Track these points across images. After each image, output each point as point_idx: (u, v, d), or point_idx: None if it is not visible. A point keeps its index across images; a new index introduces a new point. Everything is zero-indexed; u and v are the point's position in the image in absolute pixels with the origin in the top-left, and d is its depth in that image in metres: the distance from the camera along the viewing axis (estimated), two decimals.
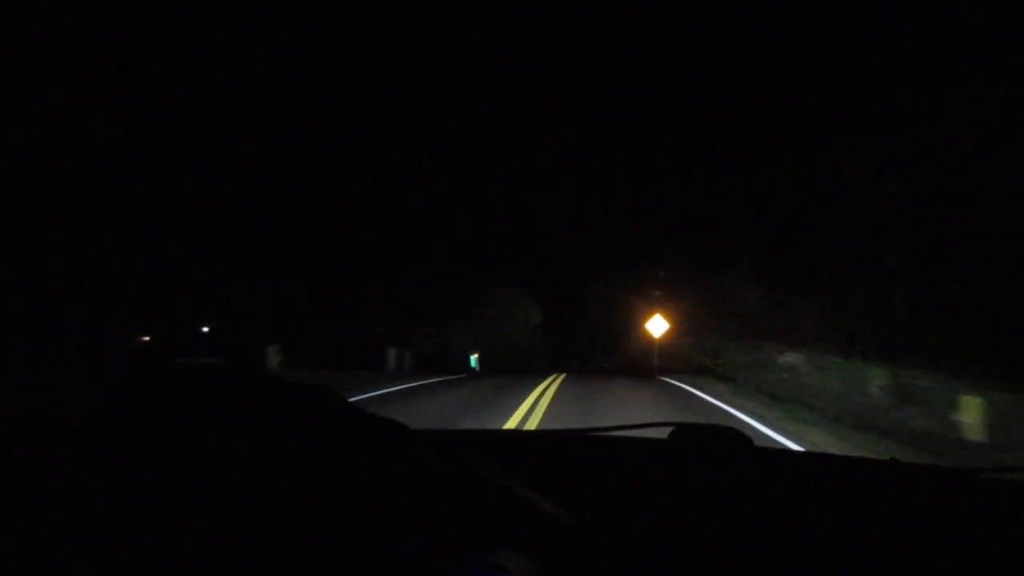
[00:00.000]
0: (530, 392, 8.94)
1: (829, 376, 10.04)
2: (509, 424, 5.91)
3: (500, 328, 25.83)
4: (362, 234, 20.67)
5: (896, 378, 8.12)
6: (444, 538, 0.51)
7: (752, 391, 10.84)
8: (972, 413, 5.83)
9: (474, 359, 20.27)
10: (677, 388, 11.06)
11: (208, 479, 0.48)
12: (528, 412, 6.74)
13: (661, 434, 1.04)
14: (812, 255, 12.20)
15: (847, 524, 0.72)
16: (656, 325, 16.94)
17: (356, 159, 19.88)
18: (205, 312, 21.04)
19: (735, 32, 16.07)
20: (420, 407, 7.51)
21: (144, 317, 17.88)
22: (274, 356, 14.38)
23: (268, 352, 14.40)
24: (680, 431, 1.00)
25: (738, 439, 0.98)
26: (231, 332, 19.75)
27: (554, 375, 13.51)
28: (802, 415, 7.47)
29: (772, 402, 9.03)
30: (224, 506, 0.46)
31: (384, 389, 9.70)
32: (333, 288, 20.60)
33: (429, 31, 18.62)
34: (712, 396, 9.59)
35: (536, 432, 1.68)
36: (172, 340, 19.00)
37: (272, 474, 0.49)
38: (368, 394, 8.73)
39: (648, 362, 16.76)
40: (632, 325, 22.85)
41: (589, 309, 35.26)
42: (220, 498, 0.47)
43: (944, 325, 8.67)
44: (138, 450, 0.49)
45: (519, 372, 16.39)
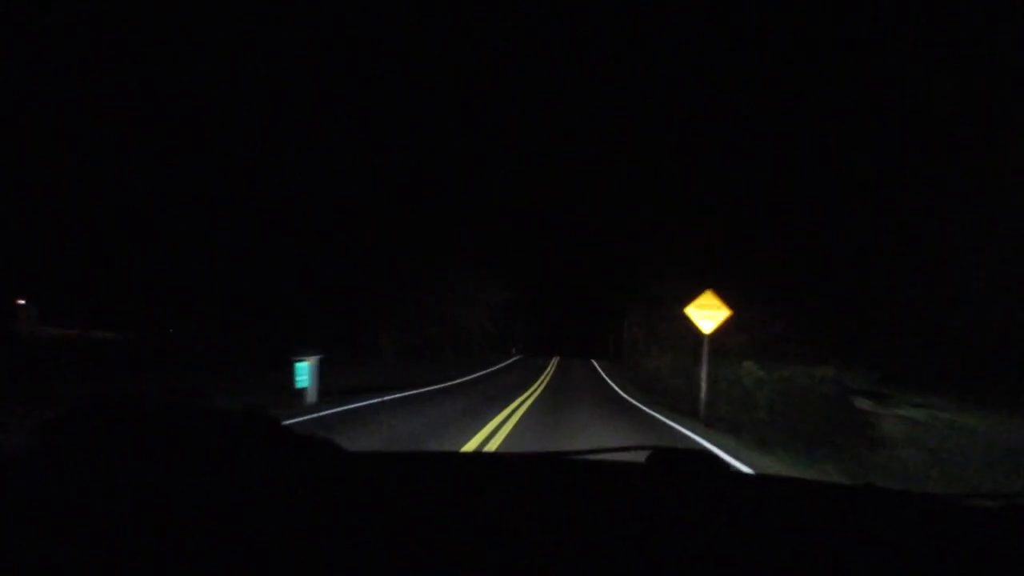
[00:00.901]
0: None
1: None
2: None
3: (448, 313, 25.04)
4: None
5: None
6: (420, 567, 0.51)
7: None
8: None
9: (304, 370, 7.83)
10: None
11: (144, 510, 0.49)
12: None
13: (638, 457, 1.05)
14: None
15: (823, 549, 0.73)
16: (705, 316, 9.58)
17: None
18: None
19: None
20: None
21: None
22: None
23: None
24: (657, 455, 1.01)
25: (715, 463, 1.00)
26: None
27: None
28: None
29: None
30: (159, 535, 0.47)
31: None
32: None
33: None
34: None
35: (513, 455, 1.50)
36: None
37: (210, 500, 0.51)
38: None
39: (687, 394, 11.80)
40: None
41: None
42: (155, 529, 0.48)
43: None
44: (68, 485, 0.51)
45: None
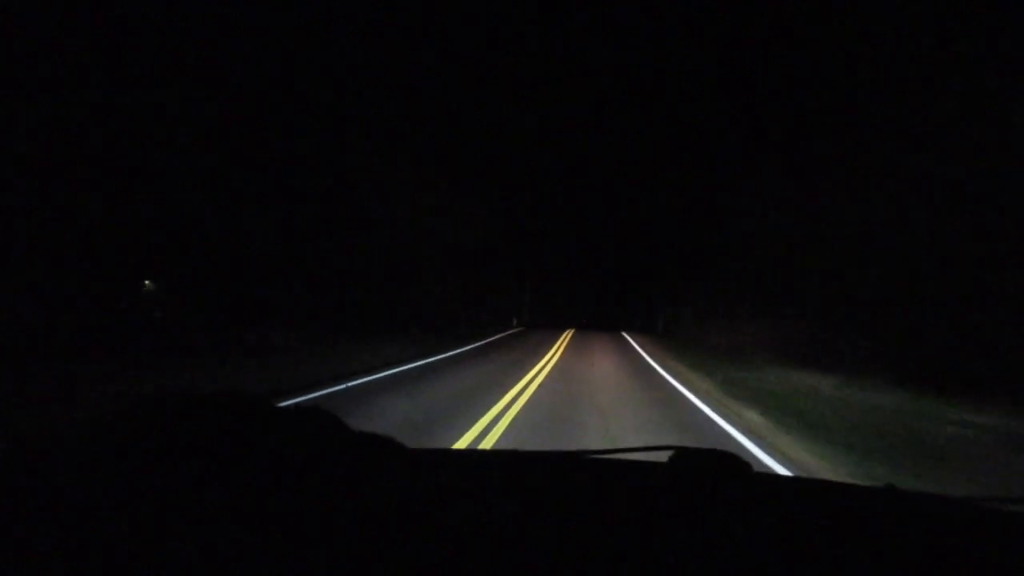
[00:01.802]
0: None
1: None
2: None
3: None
4: None
5: None
6: (443, 565, 0.52)
7: None
8: None
9: None
10: None
11: (206, 507, 0.51)
12: None
13: (661, 456, 1.00)
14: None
15: (844, 552, 0.72)
16: None
17: None
18: None
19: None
20: None
21: None
22: None
23: None
24: (679, 455, 0.99)
25: (737, 464, 0.97)
26: None
27: None
28: None
29: None
30: (220, 532, 0.49)
31: None
32: None
33: None
34: None
35: (533, 453, 1.16)
36: None
37: (270, 499, 0.52)
38: None
39: None
40: None
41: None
42: (215, 525, 0.49)
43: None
44: (130, 481, 0.52)
45: None
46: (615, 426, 4.95)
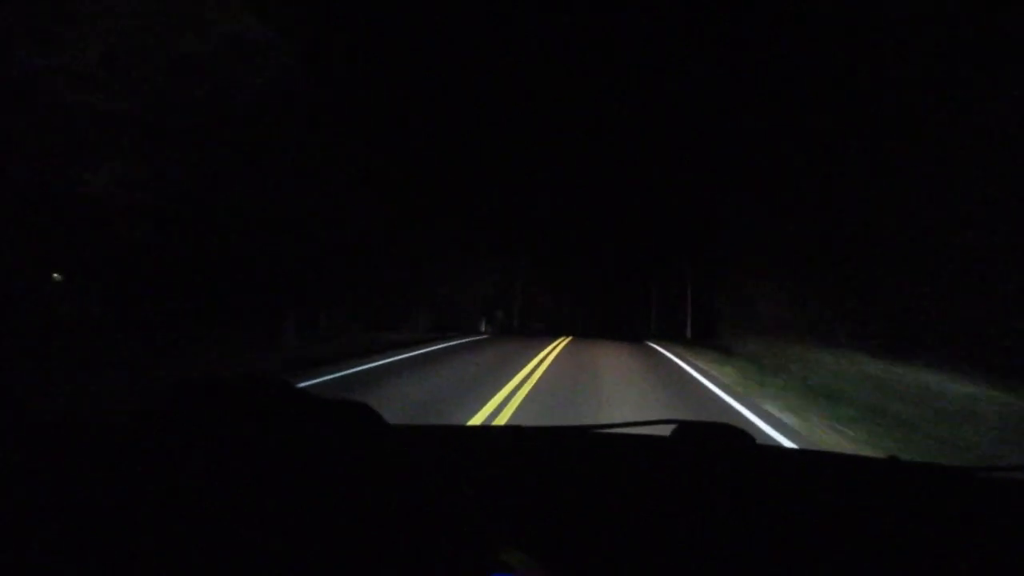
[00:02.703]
0: None
1: None
2: None
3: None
4: None
5: None
6: (446, 536, 0.53)
7: None
8: None
9: None
10: None
11: (236, 492, 0.51)
12: None
13: (663, 431, 1.03)
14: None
15: (847, 522, 0.73)
16: None
17: None
18: None
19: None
20: None
21: None
22: None
23: None
24: (682, 428, 1.02)
25: (740, 437, 0.99)
26: None
27: None
28: None
29: None
30: (244, 516, 0.49)
31: None
32: None
33: None
34: None
35: (539, 428, 1.22)
36: None
37: (303, 492, 0.51)
38: None
39: None
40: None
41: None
42: (242, 509, 0.50)
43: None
44: (167, 464, 0.52)
45: None
46: None
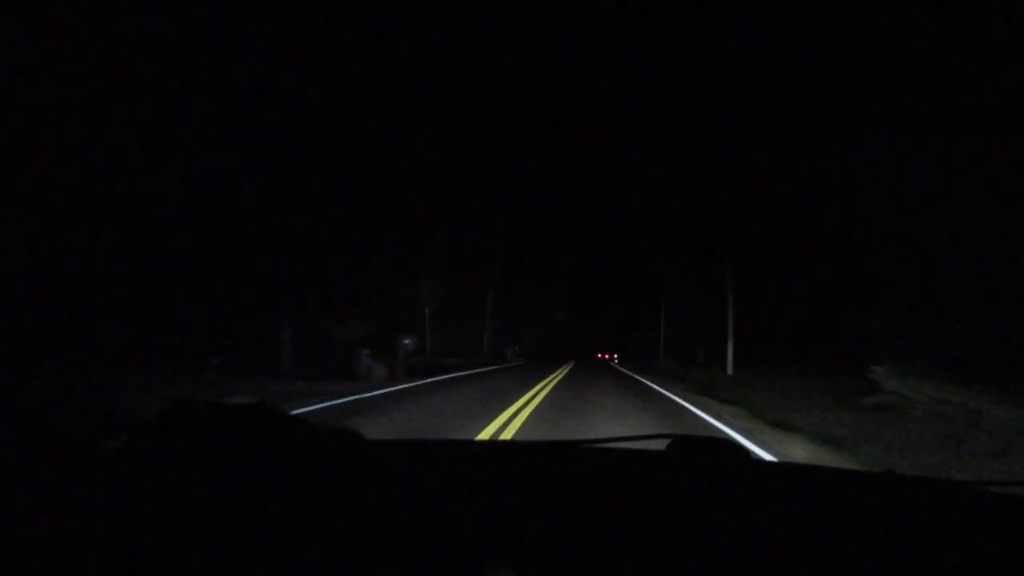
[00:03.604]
0: None
1: None
2: None
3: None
4: None
5: None
6: (441, 555, 0.53)
7: None
8: None
9: None
10: None
11: (227, 511, 0.54)
12: None
13: (658, 446, 1.03)
14: None
15: (843, 538, 0.71)
16: None
17: None
18: None
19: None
20: None
21: None
22: None
23: None
24: (677, 443, 1.00)
25: (735, 451, 0.99)
26: None
27: None
28: None
29: None
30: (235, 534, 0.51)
31: None
32: None
33: None
34: None
35: (530, 443, 1.33)
36: None
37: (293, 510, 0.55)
38: None
39: None
40: None
41: None
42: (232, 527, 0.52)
43: None
44: (158, 482, 0.55)
45: None
46: None
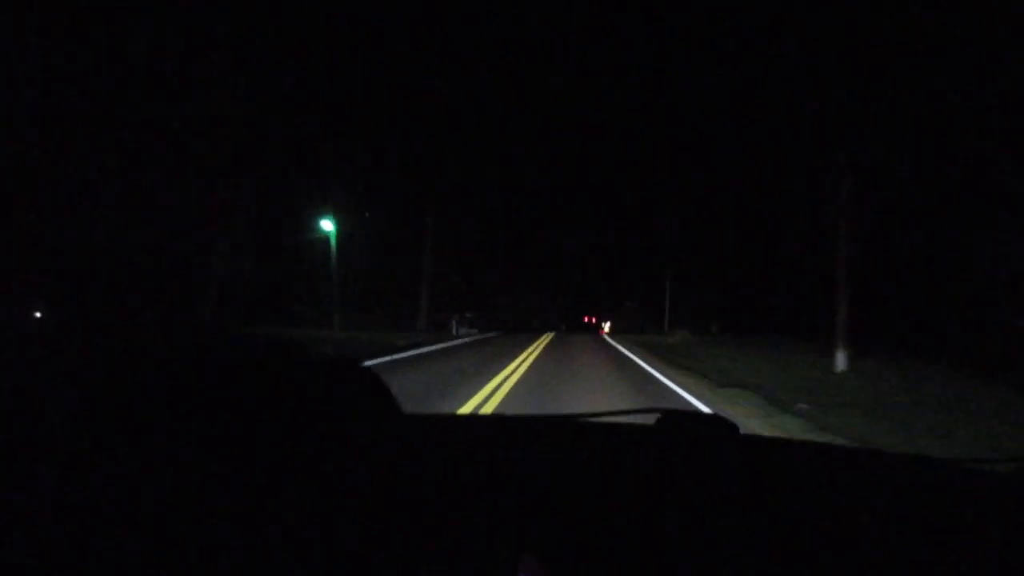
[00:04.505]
0: None
1: None
2: None
3: None
4: None
5: None
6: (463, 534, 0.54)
7: None
8: None
9: None
10: None
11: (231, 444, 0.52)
12: None
13: (648, 421, 1.04)
14: None
15: (831, 512, 0.72)
16: None
17: None
18: None
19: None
20: None
21: None
22: None
23: None
24: (667, 418, 1.01)
25: (724, 427, 0.99)
26: None
27: None
28: None
29: None
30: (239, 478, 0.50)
31: None
32: None
33: None
34: None
35: (521, 417, 1.29)
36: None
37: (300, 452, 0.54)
38: None
39: None
40: None
41: None
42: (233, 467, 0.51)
43: None
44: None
45: None
46: None
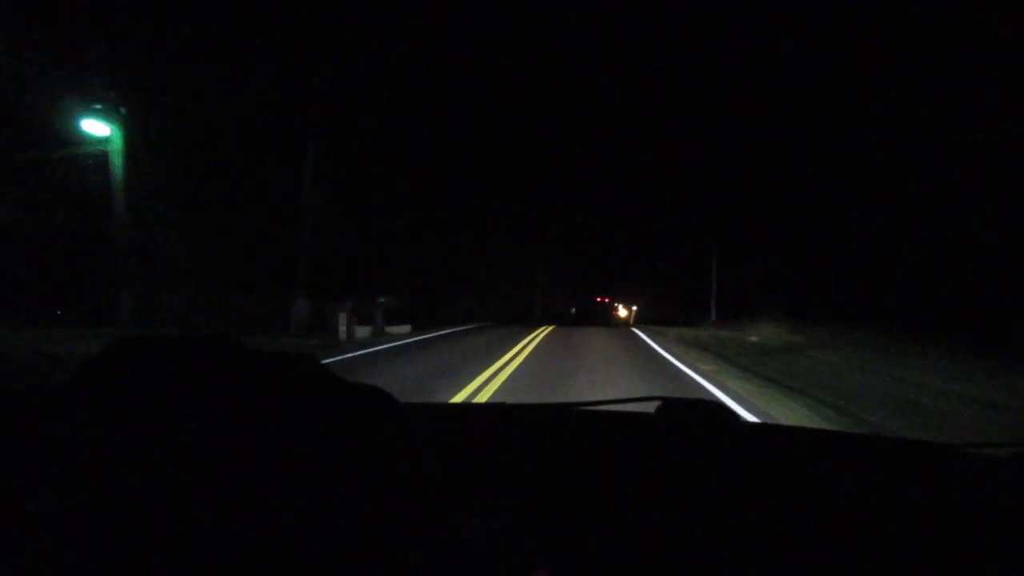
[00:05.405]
0: None
1: None
2: None
3: None
4: None
5: None
6: (443, 508, 0.54)
7: None
8: None
9: None
10: None
11: (188, 452, 0.49)
12: None
13: (648, 408, 1.03)
14: None
15: (830, 498, 0.72)
16: None
17: None
18: None
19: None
20: None
21: None
22: None
23: None
24: (667, 405, 1.00)
25: (724, 413, 0.99)
26: None
27: None
28: None
29: None
30: (202, 478, 0.48)
31: None
32: None
33: None
34: None
35: (522, 405, 1.24)
36: None
37: (258, 446, 0.50)
38: None
39: None
40: None
41: None
42: (199, 471, 0.48)
43: None
44: (107, 418, 0.51)
45: None
46: None
